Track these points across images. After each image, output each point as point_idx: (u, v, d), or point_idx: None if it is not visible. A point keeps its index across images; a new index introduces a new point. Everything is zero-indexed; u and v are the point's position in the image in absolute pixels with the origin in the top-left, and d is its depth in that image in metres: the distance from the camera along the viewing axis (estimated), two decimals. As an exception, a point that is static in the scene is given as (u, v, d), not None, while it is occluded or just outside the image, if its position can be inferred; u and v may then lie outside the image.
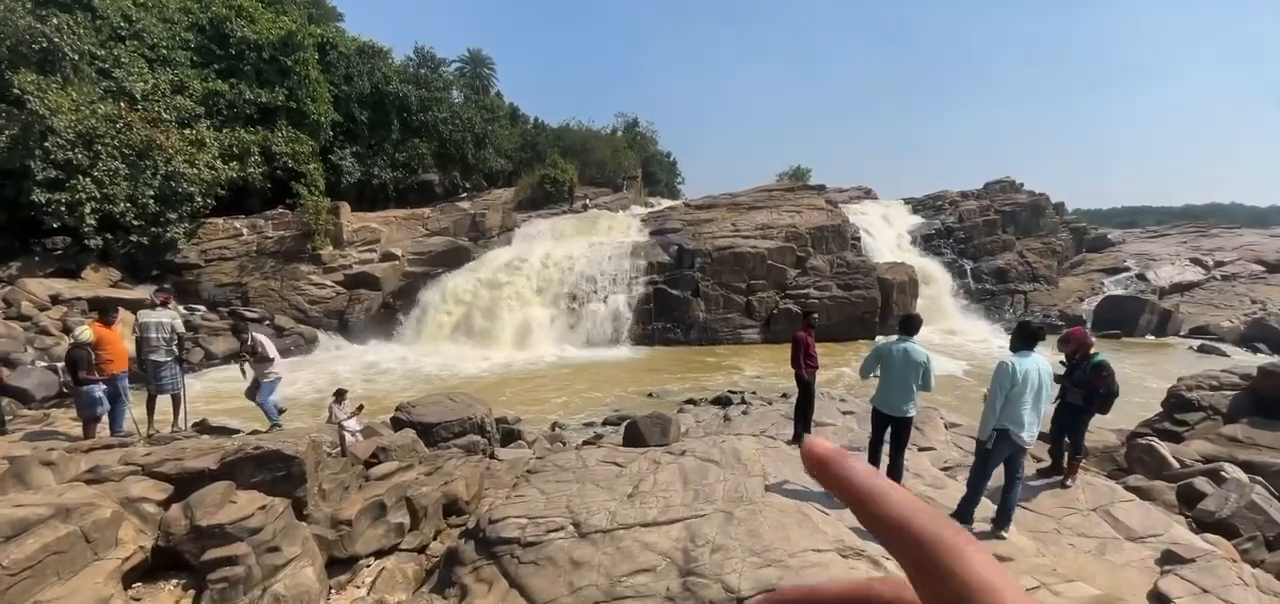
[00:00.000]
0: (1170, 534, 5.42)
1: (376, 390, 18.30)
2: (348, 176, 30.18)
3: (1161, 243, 35.79)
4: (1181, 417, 10.85)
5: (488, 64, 44.41)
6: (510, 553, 5.09)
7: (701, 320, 24.72)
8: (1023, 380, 5.02)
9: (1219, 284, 29.31)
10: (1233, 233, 37.39)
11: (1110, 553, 5.18)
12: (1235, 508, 7.01)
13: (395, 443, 8.98)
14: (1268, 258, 30.65)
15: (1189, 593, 4.53)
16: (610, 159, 39.30)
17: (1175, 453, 8.96)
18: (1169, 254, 32.64)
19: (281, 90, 26.80)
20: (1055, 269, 32.38)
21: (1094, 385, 6.27)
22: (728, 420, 11.84)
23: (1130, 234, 40.56)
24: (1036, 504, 5.96)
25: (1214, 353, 21.68)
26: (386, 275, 25.65)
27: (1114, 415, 12.16)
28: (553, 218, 30.77)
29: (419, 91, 32.91)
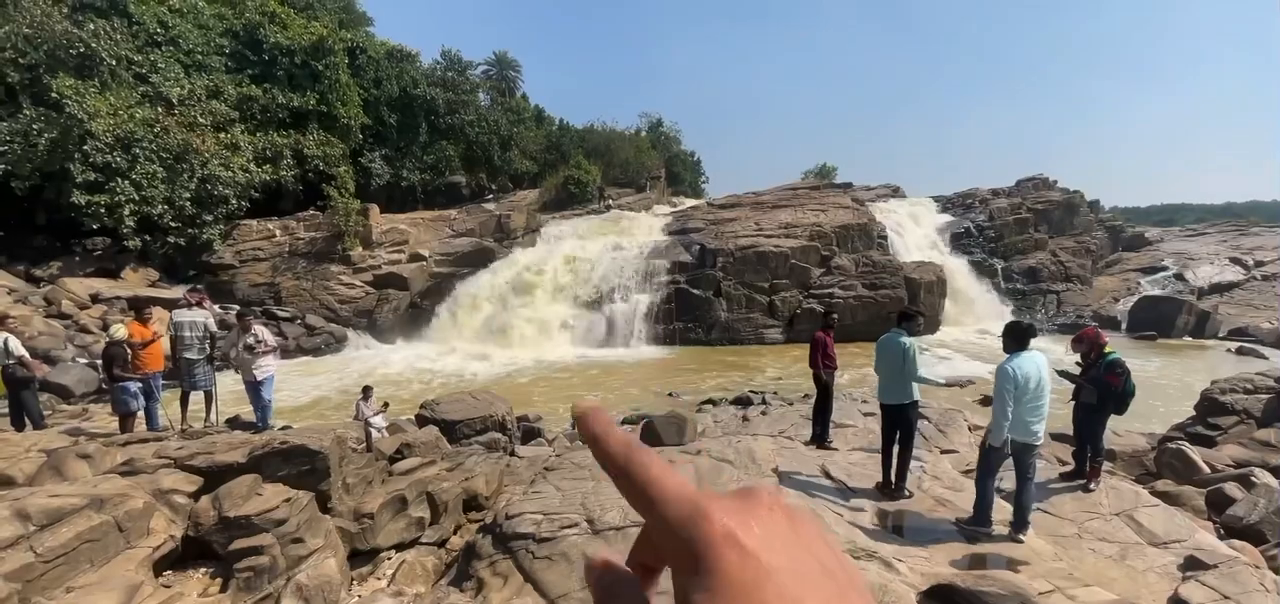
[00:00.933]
0: (1194, 540, 5.28)
1: (403, 388, 18.68)
2: (377, 179, 30.83)
3: (1200, 242, 34.53)
4: (1214, 420, 10.51)
5: (514, 66, 44.88)
6: (525, 548, 5.19)
7: (723, 320, 24.65)
8: (1024, 383, 4.97)
9: (1259, 284, 28.17)
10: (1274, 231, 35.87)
11: (1132, 558, 5.07)
12: (1264, 514, 6.78)
13: (418, 439, 9.19)
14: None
15: (1209, 599, 4.41)
16: (634, 159, 39.40)
17: (1206, 458, 8.69)
18: (1208, 253, 31.47)
19: (313, 94, 27.50)
20: (1089, 269, 31.47)
21: (1109, 384, 6.13)
22: (746, 421, 11.80)
23: (1168, 233, 39.20)
24: (1058, 507, 5.85)
25: (1252, 355, 20.88)
26: (414, 276, 26.15)
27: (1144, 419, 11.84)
28: (576, 218, 31.00)
29: (446, 94, 33.44)
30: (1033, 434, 5.12)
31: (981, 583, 4.16)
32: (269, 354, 9.10)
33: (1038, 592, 4.03)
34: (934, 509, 5.77)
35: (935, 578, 4.38)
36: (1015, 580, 4.19)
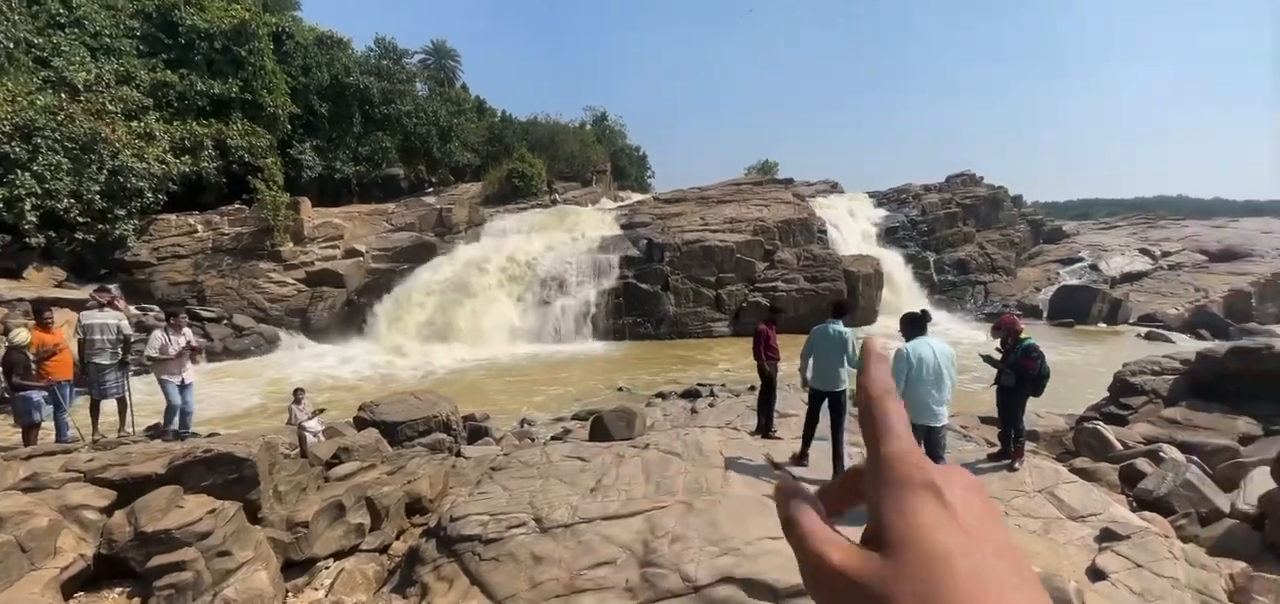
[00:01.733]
0: (1109, 513, 5.67)
1: (341, 390, 17.96)
2: (308, 171, 29.44)
3: (1113, 234, 37.21)
4: (1126, 401, 11.34)
5: (452, 56, 43.70)
6: (471, 550, 5.06)
7: (671, 314, 24.84)
8: (919, 365, 5.27)
9: (1165, 273, 30.60)
10: (1178, 224, 39.06)
11: (1053, 532, 5.40)
12: (1171, 487, 7.36)
13: (357, 443, 8.84)
14: (1209, 248, 32.10)
15: (1123, 568, 4.75)
16: (579, 153, 39.05)
17: (1119, 435, 9.36)
18: (1119, 245, 33.94)
19: (235, 81, 25.96)
20: (1013, 260, 33.41)
21: (1025, 368, 6.51)
22: (695, 413, 11.94)
23: (1084, 226, 42.06)
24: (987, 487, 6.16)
25: (1160, 339, 22.65)
26: (350, 272, 25.14)
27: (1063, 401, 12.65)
28: (522, 213, 30.52)
29: (381, 83, 32.24)
30: (935, 415, 5.42)
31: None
32: (179, 359, 8.52)
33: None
34: (873, 493, 5.98)
35: (875, 559, 4.53)
36: (949, 558, 4.38)
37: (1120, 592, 4.56)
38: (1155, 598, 4.51)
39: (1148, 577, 4.71)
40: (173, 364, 8.45)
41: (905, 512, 0.37)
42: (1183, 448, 8.69)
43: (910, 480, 0.39)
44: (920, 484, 0.38)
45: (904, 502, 0.38)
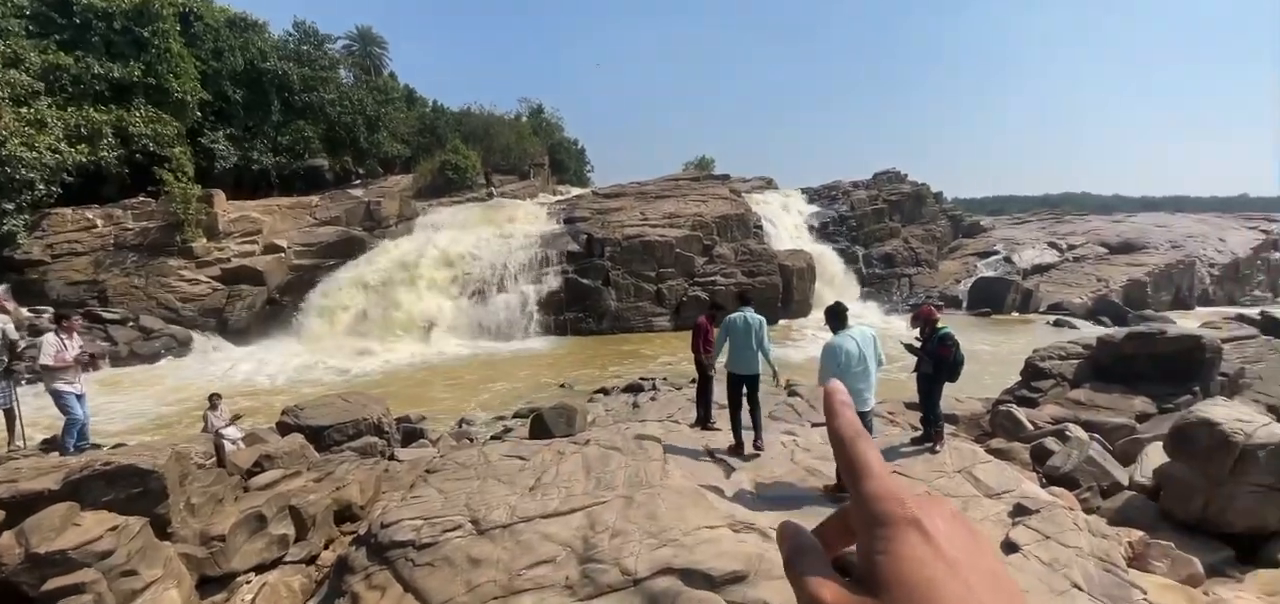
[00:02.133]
0: (1021, 489, 6.07)
1: (263, 394, 17.01)
2: (222, 161, 27.61)
3: (1024, 229, 39.78)
4: (1036, 384, 12.17)
5: (379, 42, 41.93)
6: (404, 556, 4.89)
7: (613, 309, 24.83)
8: (847, 357, 5.53)
9: (1071, 265, 33.00)
10: (1082, 219, 42.17)
11: (971, 510, 5.73)
12: (1076, 463, 7.96)
13: (281, 449, 8.40)
14: (1110, 241, 34.82)
15: (1034, 539, 5.10)
16: (515, 145, 38.27)
17: (1030, 417, 10.04)
18: (1030, 239, 36.34)
19: (138, 65, 24.02)
20: (936, 254, 35.23)
21: (941, 356, 6.89)
22: (637, 407, 11.97)
23: (999, 221, 44.76)
24: (910, 469, 6.48)
25: (1066, 326, 24.44)
26: (271, 269, 23.79)
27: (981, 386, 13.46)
28: (456, 206, 29.71)
29: (301, 69, 30.58)
30: (864, 401, 5.68)
31: (849, 544, 4.50)
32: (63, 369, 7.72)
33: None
34: (805, 479, 6.17)
35: (809, 544, 4.68)
36: (877, 539, 4.57)
37: (1031, 562, 4.89)
38: (1062, 567, 4.86)
39: (1055, 547, 5.07)
40: (70, 372, 7.75)
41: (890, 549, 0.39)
42: (1086, 427, 9.41)
43: (892, 517, 0.40)
44: (903, 520, 0.39)
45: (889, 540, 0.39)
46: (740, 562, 4.30)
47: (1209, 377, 11.04)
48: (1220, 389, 10.87)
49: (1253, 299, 31.16)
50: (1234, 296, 31.63)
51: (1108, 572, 4.82)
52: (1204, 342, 11.26)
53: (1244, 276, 33.42)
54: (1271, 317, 21.13)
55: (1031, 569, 4.75)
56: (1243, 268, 33.45)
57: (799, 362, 18.98)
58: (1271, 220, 39.48)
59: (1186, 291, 30.89)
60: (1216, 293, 31.51)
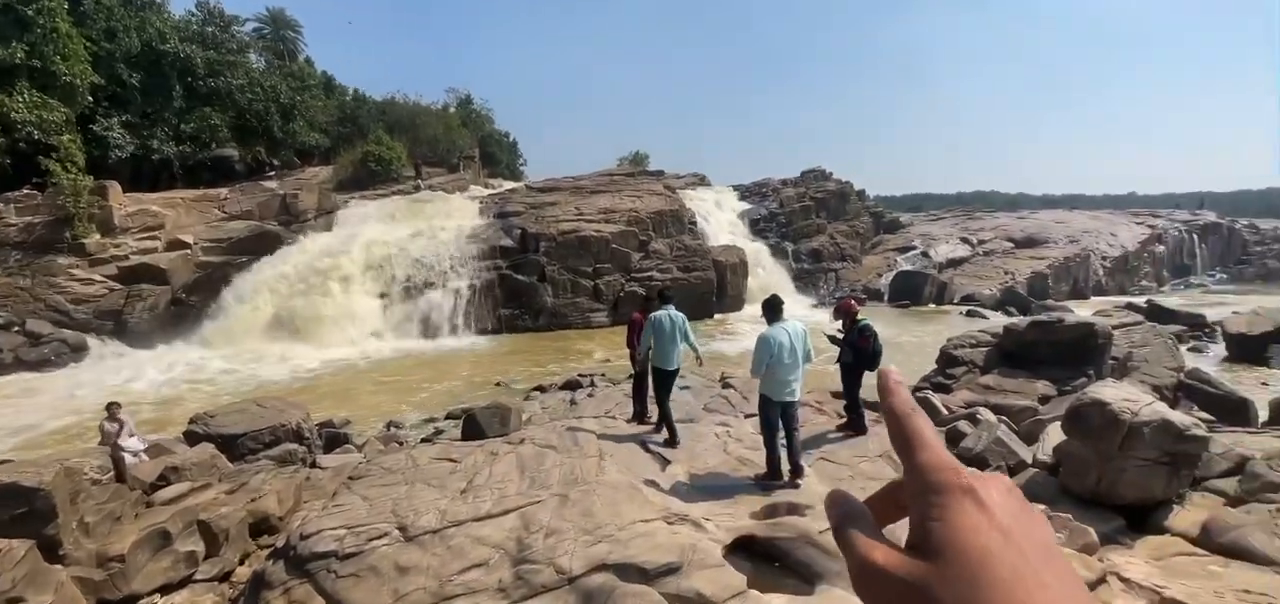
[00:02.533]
0: (936, 470, 6.44)
1: (169, 402, 15.81)
2: (117, 150, 25.38)
3: (939, 225, 42.19)
4: (950, 371, 12.95)
5: (293, 26, 39.64)
6: (326, 568, 4.67)
7: (550, 305, 24.55)
8: (779, 349, 5.74)
9: (982, 259, 35.29)
10: (991, 216, 45.15)
11: (892, 492, 6.04)
12: (986, 444, 8.54)
13: (189, 461, 7.88)
14: (1015, 236, 37.45)
15: (946, 517, 5.42)
16: (444, 137, 37.03)
17: (945, 402, 10.68)
18: (945, 235, 38.58)
19: (20, 46, 21.70)
20: (859, 249, 36.84)
21: (860, 347, 7.26)
22: (574, 404, 11.91)
23: (917, 218, 47.31)
24: (835, 455, 6.76)
25: (978, 316, 26.11)
26: (175, 267, 22.10)
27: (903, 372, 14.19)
28: (382, 199, 28.52)
29: (206, 52, 28.48)
30: (792, 392, 5.90)
31: (776, 530, 4.65)
32: None
33: (819, 529, 4.62)
34: (737, 468, 6.32)
35: (738, 531, 4.80)
36: (802, 524, 4.75)
37: (944, 538, 5.20)
38: (971, 541, 5.19)
39: (965, 523, 5.42)
40: None
41: (944, 516, 0.39)
42: (995, 410, 10.10)
43: (948, 485, 0.41)
44: (958, 489, 0.40)
45: (943, 507, 0.40)
46: (674, 553, 4.35)
47: (1101, 360, 12.08)
48: (1111, 372, 11.92)
49: (1140, 289, 34.36)
50: (1124, 286, 34.73)
51: (1012, 544, 5.19)
52: (1097, 328, 12.31)
53: (1133, 268, 36.75)
54: (1157, 304, 23.44)
55: (945, 545, 5.05)
56: (1131, 260, 36.77)
57: (733, 355, 19.40)
58: (1157, 216, 43.63)
59: (1083, 282, 33.64)
60: (1109, 283, 34.48)
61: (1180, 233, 41.69)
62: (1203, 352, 18.95)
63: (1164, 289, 36.19)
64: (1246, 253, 44.51)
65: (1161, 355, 13.34)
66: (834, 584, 4.28)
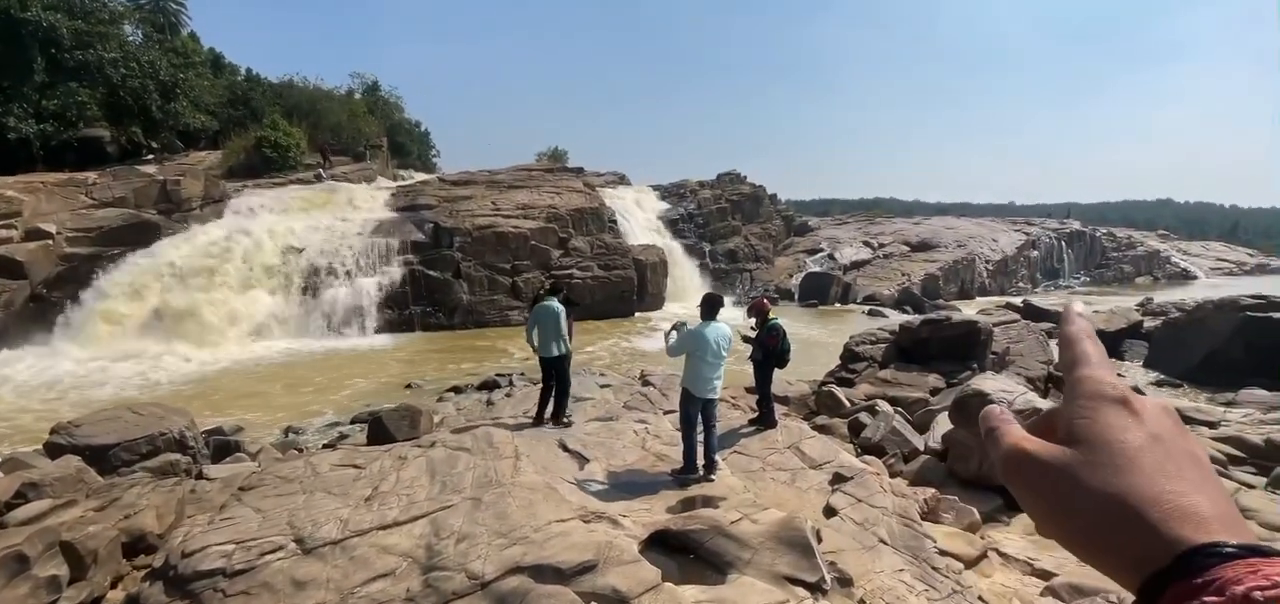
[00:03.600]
0: (839, 460, 6.82)
1: (27, 410, 14.03)
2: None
3: (844, 229, 44.63)
4: (853, 366, 13.73)
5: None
6: (212, 587, 4.31)
7: (465, 303, 23.82)
8: (705, 345, 5.94)
9: (882, 261, 37.66)
10: (890, 221, 48.34)
11: (799, 481, 6.34)
12: (883, 434, 9.11)
13: (50, 475, 7.07)
14: (911, 240, 40.24)
15: (848, 503, 5.77)
16: (348, 124, 34.94)
17: (847, 395, 11.30)
18: (849, 238, 40.87)
19: None
20: (772, 250, 38.32)
21: (769, 345, 7.60)
22: (491, 405, 11.65)
23: (824, 222, 49.82)
24: (747, 447, 7.02)
25: (878, 315, 27.81)
26: (34, 259, 19.59)
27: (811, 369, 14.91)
28: (279, 188, 26.59)
29: (73, 23, 25.45)
30: (712, 389, 6.08)
31: (689, 523, 4.76)
32: None
33: (731, 520, 4.78)
34: (655, 465, 6.41)
35: (654, 526, 4.87)
36: (714, 516, 4.89)
37: (846, 523, 5.52)
38: (871, 525, 5.54)
39: (865, 509, 5.78)
40: None
41: (1095, 415, 0.43)
42: (892, 402, 10.80)
43: (1103, 394, 0.44)
44: (1113, 397, 0.44)
45: (1095, 408, 0.44)
46: (590, 551, 4.35)
47: (984, 355, 13.21)
48: (992, 365, 13.07)
49: (1017, 289, 37.93)
50: (1004, 288, 38.17)
51: (907, 526, 5.58)
52: (980, 326, 13.45)
53: (1011, 271, 40.44)
54: (1031, 304, 25.89)
55: (846, 529, 5.36)
56: (1010, 263, 40.46)
57: (653, 351, 19.63)
58: (1031, 224, 48.25)
59: (969, 284, 36.67)
60: (991, 284, 37.77)
61: (1051, 240, 46.35)
62: (1068, 346, 21.12)
63: (1037, 290, 40.11)
64: (1106, 258, 50.16)
65: (1035, 350, 14.75)
66: (743, 572, 4.43)
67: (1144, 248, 53.12)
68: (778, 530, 4.71)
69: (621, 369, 14.69)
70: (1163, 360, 16.63)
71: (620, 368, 15.48)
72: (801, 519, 4.79)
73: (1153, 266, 51.37)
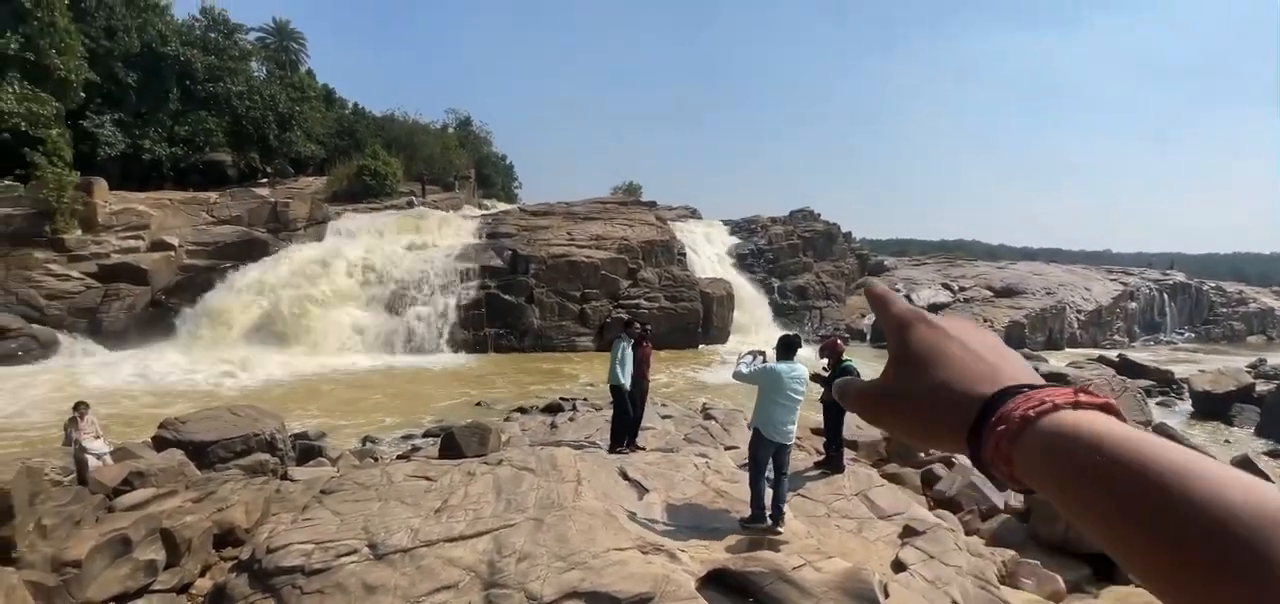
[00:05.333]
0: (910, 511, 6.47)
1: (140, 405, 15.48)
2: (107, 147, 25.17)
3: (922, 271, 42.87)
4: (929, 414, 13.05)
5: (296, 38, 39.86)
6: (292, 584, 4.57)
7: (536, 327, 24.49)
8: (785, 383, 5.66)
9: (962, 305, 35.83)
10: (972, 264, 46.05)
11: (866, 531, 6.05)
12: (959, 487, 8.57)
13: (155, 466, 7.72)
14: (995, 285, 38.15)
15: (920, 559, 5.45)
16: (441, 156, 37.21)
17: (922, 444, 10.73)
18: (927, 280, 39.20)
19: (15, 37, 21.59)
20: (843, 289, 37.25)
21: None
22: (555, 428, 11.83)
23: (901, 262, 48.05)
24: (812, 492, 6.78)
25: (957, 361, 26.31)
26: (157, 267, 21.82)
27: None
28: (374, 213, 28.46)
29: (207, 58, 28.51)
30: (786, 434, 5.78)
31: (748, 565, 4.64)
32: None
33: (793, 566, 4.61)
34: (715, 500, 6.30)
35: (713, 564, 4.78)
36: (775, 559, 4.74)
37: (916, 580, 5.21)
38: (943, 584, 5.21)
39: (938, 566, 5.44)
40: None
41: (909, 337, 0.53)
42: (969, 454, 10.16)
43: (908, 320, 0.54)
44: (914, 318, 0.54)
45: (908, 331, 0.53)
46: (647, 583, 4.32)
47: (1074, 411, 12.25)
48: (1083, 423, 12.08)
49: (1112, 342, 35.01)
50: (1097, 340, 35.34)
51: (982, 588, 5.21)
52: (1070, 380, 12.52)
53: (1105, 322, 37.45)
54: (1128, 359, 23.88)
55: (916, 586, 5.06)
56: (1104, 314, 37.49)
57: (715, 384, 19.42)
58: (1129, 274, 44.63)
59: (1058, 333, 34.21)
60: (1083, 336, 35.08)
61: (1151, 291, 42.64)
62: (1170, 406, 19.30)
63: (1134, 344, 36.90)
64: (1213, 314, 45.56)
65: (1131, 409, 13.56)
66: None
67: (1257, 304, 47.73)
68: (843, 581, 4.51)
69: (683, 400, 14.60)
70: (1277, 427, 14.89)
71: (682, 399, 15.37)
72: (869, 571, 4.57)
73: (1266, 325, 46.12)
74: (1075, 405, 0.42)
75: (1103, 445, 0.38)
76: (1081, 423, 0.40)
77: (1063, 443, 0.40)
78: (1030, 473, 0.42)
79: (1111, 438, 0.38)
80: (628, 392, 8.30)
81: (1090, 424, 0.40)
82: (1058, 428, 0.41)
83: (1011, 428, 0.43)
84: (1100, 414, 0.42)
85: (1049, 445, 0.41)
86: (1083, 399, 0.43)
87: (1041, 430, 0.41)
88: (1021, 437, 0.42)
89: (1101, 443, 0.38)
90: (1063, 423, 0.41)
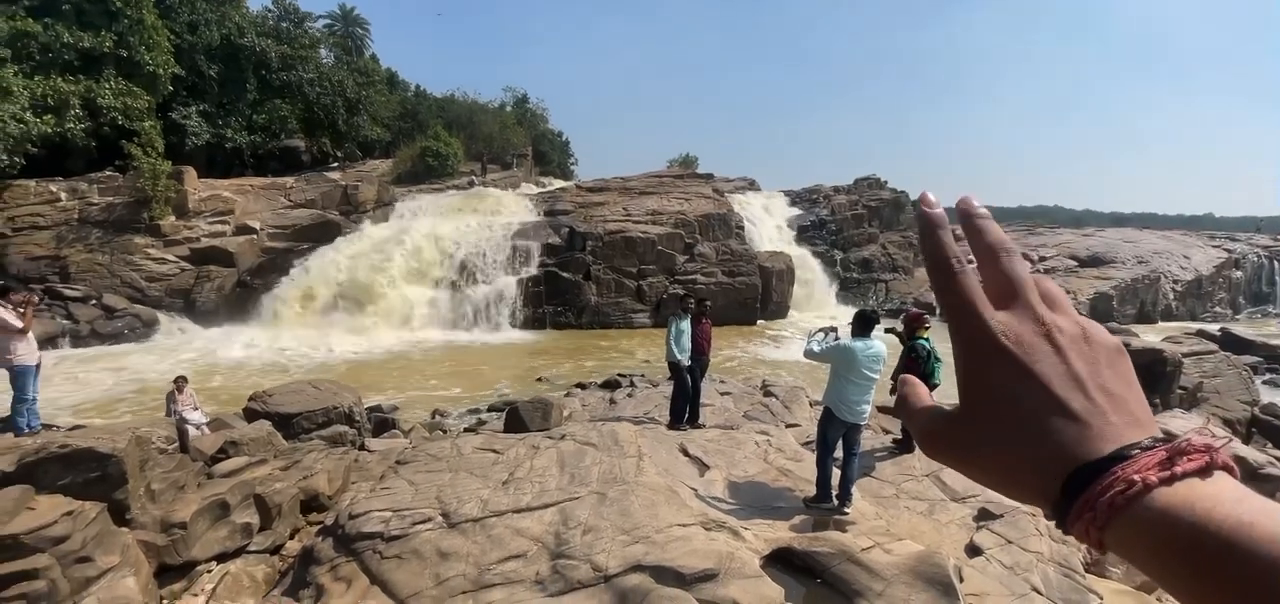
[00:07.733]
0: (985, 494, 6.19)
1: (231, 378, 16.65)
2: (193, 138, 26.85)
3: (998, 239, 40.49)
4: (1004, 391, 12.43)
5: (361, 23, 41.19)
6: (372, 548, 4.83)
7: (593, 303, 24.75)
8: (860, 363, 5.44)
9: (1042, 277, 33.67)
10: (1054, 232, 43.16)
11: (938, 513, 5.84)
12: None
13: (247, 436, 8.25)
14: (1079, 254, 35.69)
15: (996, 544, 5.21)
16: (499, 135, 37.88)
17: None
18: (1002, 249, 37.04)
19: (109, 35, 23.21)
20: (912, 261, 35.71)
21: (908, 366, 7.00)
22: (614, 403, 11.96)
23: (973, 230, 45.52)
24: (881, 472, 6.59)
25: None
26: (242, 250, 23.27)
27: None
28: (436, 193, 29.33)
29: (280, 47, 29.84)
30: (859, 413, 5.58)
31: (815, 545, 4.56)
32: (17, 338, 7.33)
33: (860, 547, 4.51)
34: (778, 479, 6.23)
35: (776, 542, 4.73)
36: (842, 539, 4.64)
37: (993, 566, 5.00)
38: (1023, 570, 4.97)
39: (1016, 552, 5.19)
40: (20, 344, 7.40)
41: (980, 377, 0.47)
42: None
43: (983, 345, 0.47)
44: (994, 348, 0.47)
45: (980, 367, 0.47)
46: (712, 560, 4.32)
47: (1169, 389, 11.40)
48: (1179, 402, 11.24)
49: (1213, 315, 32.19)
50: (1196, 312, 32.62)
51: (1066, 576, 4.95)
52: (1166, 355, 11.62)
53: (1206, 293, 34.48)
54: (1231, 333, 21.95)
55: (992, 573, 4.86)
56: (1205, 285, 34.50)
57: (776, 359, 19.14)
58: (1234, 240, 40.82)
59: (1151, 306, 31.77)
60: (1179, 308, 32.45)
61: (1260, 258, 38.85)
62: (1279, 385, 17.63)
63: (1239, 317, 33.82)
64: (1334, 283, 41.17)
65: (1235, 387, 12.50)
66: (872, 603, 4.16)
67: (1382, 271, 42.76)
68: (914, 564, 4.37)
69: (742, 377, 14.46)
70: None
71: (740, 375, 15.22)
72: (943, 556, 4.41)
73: (1391, 294, 41.30)
74: (1171, 478, 0.38)
75: (1204, 538, 0.35)
76: (1179, 506, 0.37)
77: (1161, 533, 0.37)
78: (1127, 555, 0.39)
79: (1213, 526, 0.35)
80: (687, 367, 8.26)
81: (1189, 507, 0.36)
82: (1149, 512, 0.37)
83: (1099, 516, 0.39)
84: (1201, 484, 0.37)
85: (1141, 533, 0.37)
86: (1179, 469, 0.38)
87: (1133, 517, 0.38)
88: (1110, 524, 0.39)
89: (1203, 532, 0.35)
90: (1154, 505, 0.37)
